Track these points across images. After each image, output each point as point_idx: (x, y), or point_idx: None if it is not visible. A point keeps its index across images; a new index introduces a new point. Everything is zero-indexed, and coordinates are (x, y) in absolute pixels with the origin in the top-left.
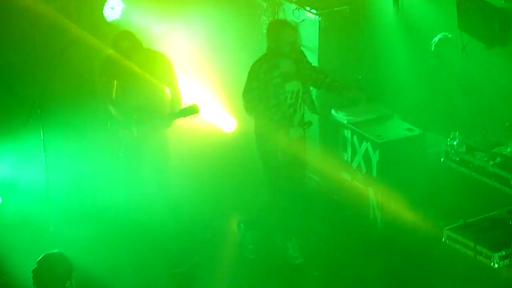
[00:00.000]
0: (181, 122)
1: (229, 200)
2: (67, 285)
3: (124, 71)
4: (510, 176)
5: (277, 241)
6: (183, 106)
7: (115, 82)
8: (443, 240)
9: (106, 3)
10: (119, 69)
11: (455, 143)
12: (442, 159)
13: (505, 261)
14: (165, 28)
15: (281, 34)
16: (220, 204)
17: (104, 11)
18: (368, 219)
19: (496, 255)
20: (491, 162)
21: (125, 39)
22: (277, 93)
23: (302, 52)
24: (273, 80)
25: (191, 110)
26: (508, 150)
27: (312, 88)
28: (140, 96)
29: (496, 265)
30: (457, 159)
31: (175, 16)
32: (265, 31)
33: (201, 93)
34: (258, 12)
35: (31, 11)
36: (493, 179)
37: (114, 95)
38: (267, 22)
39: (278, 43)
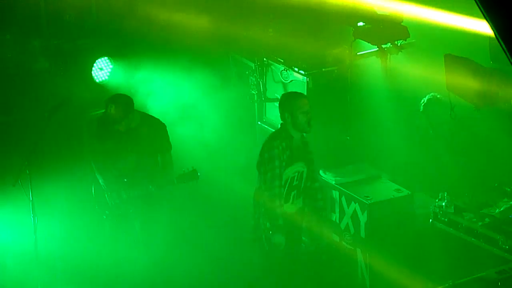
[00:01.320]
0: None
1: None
2: None
3: (114, 134)
4: (498, 237)
5: None
6: (182, 172)
7: (105, 146)
8: None
9: (94, 64)
10: (109, 132)
11: (443, 204)
12: (430, 220)
13: None
14: (155, 89)
15: (295, 104)
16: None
17: (92, 72)
18: (356, 280)
19: None
20: (479, 223)
21: (112, 106)
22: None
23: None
24: (274, 169)
25: (190, 177)
26: (497, 211)
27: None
28: (130, 160)
29: None
30: (446, 220)
31: (165, 76)
32: (253, 91)
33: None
34: (247, 73)
35: (19, 72)
36: (481, 240)
37: (103, 159)
38: (255, 82)
39: (294, 113)
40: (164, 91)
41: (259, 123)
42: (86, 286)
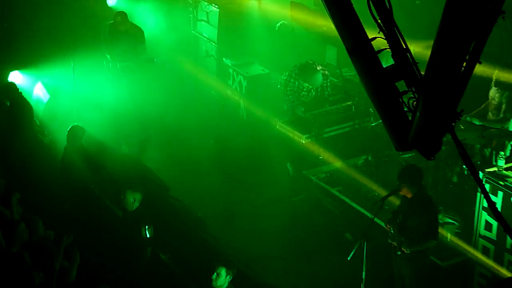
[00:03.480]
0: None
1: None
2: (82, 141)
3: (118, 32)
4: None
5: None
6: (147, 57)
7: (112, 38)
8: (277, 127)
9: None
10: (116, 31)
11: (285, 76)
12: (278, 86)
13: (307, 140)
14: (140, 13)
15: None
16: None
17: (107, 0)
18: (239, 114)
19: (304, 136)
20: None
21: (118, 16)
22: None
23: None
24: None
25: (151, 60)
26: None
27: None
28: (126, 45)
29: (304, 141)
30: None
31: (147, 6)
32: (190, 15)
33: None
34: (187, 5)
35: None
36: None
37: (110, 45)
38: (191, 11)
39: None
40: (145, 13)
41: (192, 31)
42: (101, 111)
